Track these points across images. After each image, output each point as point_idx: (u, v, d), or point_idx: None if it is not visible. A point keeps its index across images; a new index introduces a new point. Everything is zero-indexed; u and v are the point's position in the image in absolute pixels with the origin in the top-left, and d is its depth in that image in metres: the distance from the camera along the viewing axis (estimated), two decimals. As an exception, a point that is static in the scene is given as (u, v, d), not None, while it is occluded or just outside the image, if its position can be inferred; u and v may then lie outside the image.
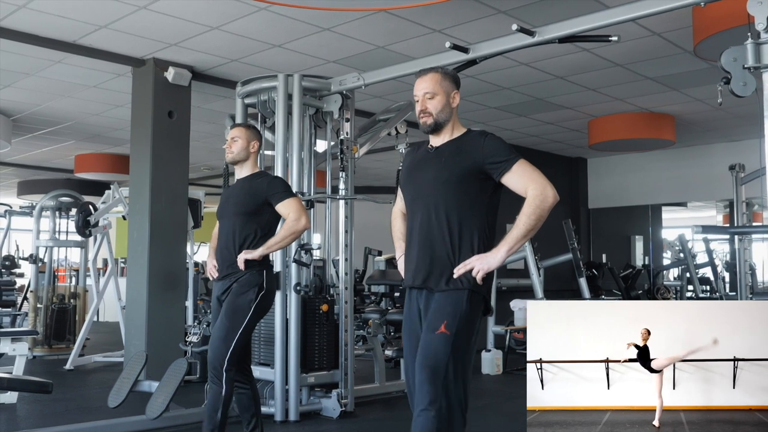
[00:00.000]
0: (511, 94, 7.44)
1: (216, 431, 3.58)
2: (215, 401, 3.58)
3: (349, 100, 5.41)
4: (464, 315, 2.56)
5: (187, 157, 6.57)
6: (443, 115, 2.71)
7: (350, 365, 5.19)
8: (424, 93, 2.72)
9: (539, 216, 2.52)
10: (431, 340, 2.55)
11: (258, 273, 3.70)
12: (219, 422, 3.57)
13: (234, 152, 3.81)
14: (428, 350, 2.54)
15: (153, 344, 5.96)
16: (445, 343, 2.51)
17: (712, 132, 9.32)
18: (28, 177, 13.06)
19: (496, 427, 4.87)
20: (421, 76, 2.75)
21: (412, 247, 2.74)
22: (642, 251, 12.85)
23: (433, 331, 2.55)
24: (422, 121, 2.73)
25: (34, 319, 8.26)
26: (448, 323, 2.53)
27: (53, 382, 4.08)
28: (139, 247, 6.20)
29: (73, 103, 7.78)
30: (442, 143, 2.74)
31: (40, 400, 5.63)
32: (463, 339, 2.55)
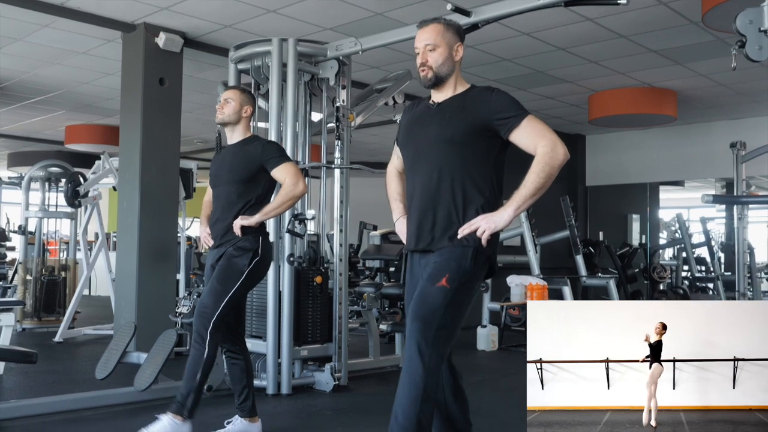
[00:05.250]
0: (511, 66, 7.29)
1: (192, 395, 3.43)
2: (195, 363, 3.44)
3: (345, 67, 5.26)
4: (466, 272, 2.46)
5: (179, 126, 6.42)
6: (444, 68, 2.58)
7: (344, 339, 5.09)
8: (425, 44, 2.58)
9: (549, 174, 2.40)
10: (429, 291, 2.45)
11: (254, 239, 3.58)
12: (197, 386, 3.43)
13: (225, 113, 3.66)
14: (425, 299, 2.44)
15: (143, 316, 5.84)
16: (443, 296, 2.42)
17: (713, 109, 9.20)
18: (18, 149, 12.88)
19: (492, 402, 4.79)
20: (422, 27, 2.62)
21: (414, 209, 2.61)
22: (639, 230, 12.78)
23: (433, 282, 2.45)
24: (422, 75, 2.60)
25: (23, 292, 8.13)
26: (450, 277, 2.43)
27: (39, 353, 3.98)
28: (129, 218, 6.07)
29: (62, 70, 7.60)
30: (445, 99, 2.61)
31: (27, 371, 5.52)
32: (461, 295, 2.45)
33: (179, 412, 3.42)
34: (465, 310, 2.50)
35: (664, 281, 11.11)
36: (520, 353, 7.04)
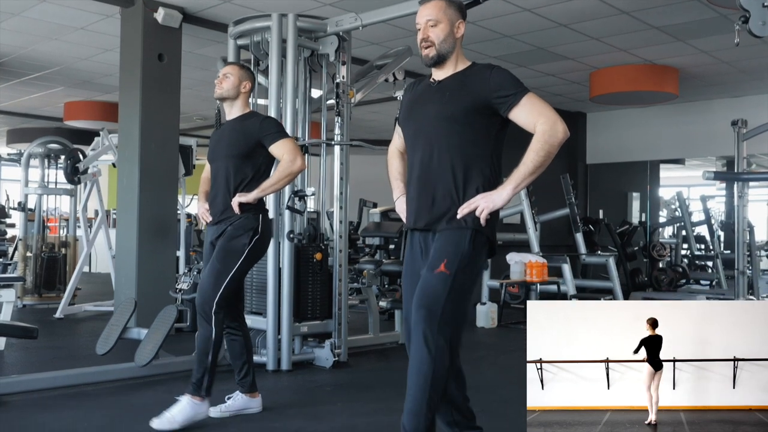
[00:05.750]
0: (512, 43, 7.23)
1: (207, 375, 3.47)
2: (205, 344, 3.47)
3: (345, 43, 5.22)
4: (465, 255, 2.46)
5: (178, 103, 6.39)
6: (446, 45, 2.55)
7: (344, 315, 5.10)
8: (427, 20, 2.55)
9: (548, 152, 2.39)
10: (430, 279, 2.45)
11: (253, 217, 3.57)
12: (210, 366, 3.47)
13: (224, 88, 3.64)
14: (426, 289, 2.45)
15: (143, 293, 5.85)
16: (443, 283, 2.42)
17: (715, 87, 9.15)
18: (17, 125, 12.83)
19: (491, 378, 4.81)
20: (424, 3, 2.59)
21: (414, 187, 2.61)
22: (639, 208, 12.77)
23: (432, 270, 2.45)
24: (424, 52, 2.58)
25: (23, 268, 8.15)
26: (448, 263, 2.43)
27: (39, 329, 3.99)
28: (128, 195, 6.06)
29: (60, 46, 7.55)
30: (446, 77, 2.59)
31: (28, 347, 5.55)
32: (462, 279, 2.45)
33: (197, 393, 3.46)
34: (468, 293, 2.50)
35: (664, 259, 11.13)
36: (519, 330, 7.07)
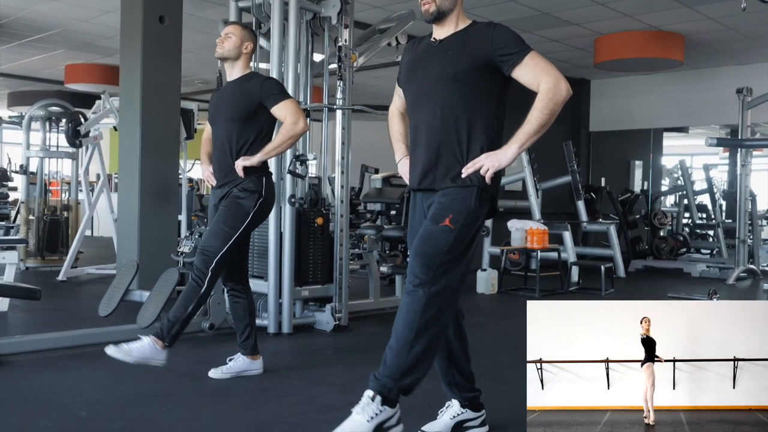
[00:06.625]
0: (517, 7, 7.16)
1: (179, 324, 3.39)
2: (189, 296, 3.41)
3: (348, 6, 5.15)
4: (471, 211, 2.44)
5: (179, 66, 6.33)
6: (447, 2, 2.52)
7: (345, 279, 5.12)
8: None
9: (552, 110, 2.37)
10: (432, 231, 2.43)
11: (257, 180, 3.55)
12: (185, 317, 3.40)
13: (225, 48, 3.59)
14: (427, 239, 2.42)
15: (145, 256, 5.87)
16: (446, 236, 2.40)
17: (720, 54, 9.07)
18: (18, 88, 12.77)
19: (490, 343, 4.85)
20: None
21: (418, 148, 2.58)
22: (641, 176, 12.75)
23: (436, 223, 2.43)
24: (424, 8, 2.54)
25: (26, 231, 8.18)
26: (454, 218, 2.41)
27: (43, 291, 4.01)
28: (130, 158, 6.04)
29: (60, 7, 7.48)
30: (446, 36, 2.55)
31: (31, 309, 5.59)
32: (465, 235, 2.43)
33: (161, 338, 3.37)
34: (469, 250, 2.49)
35: (665, 228, 11.14)
36: (518, 297, 7.11)
